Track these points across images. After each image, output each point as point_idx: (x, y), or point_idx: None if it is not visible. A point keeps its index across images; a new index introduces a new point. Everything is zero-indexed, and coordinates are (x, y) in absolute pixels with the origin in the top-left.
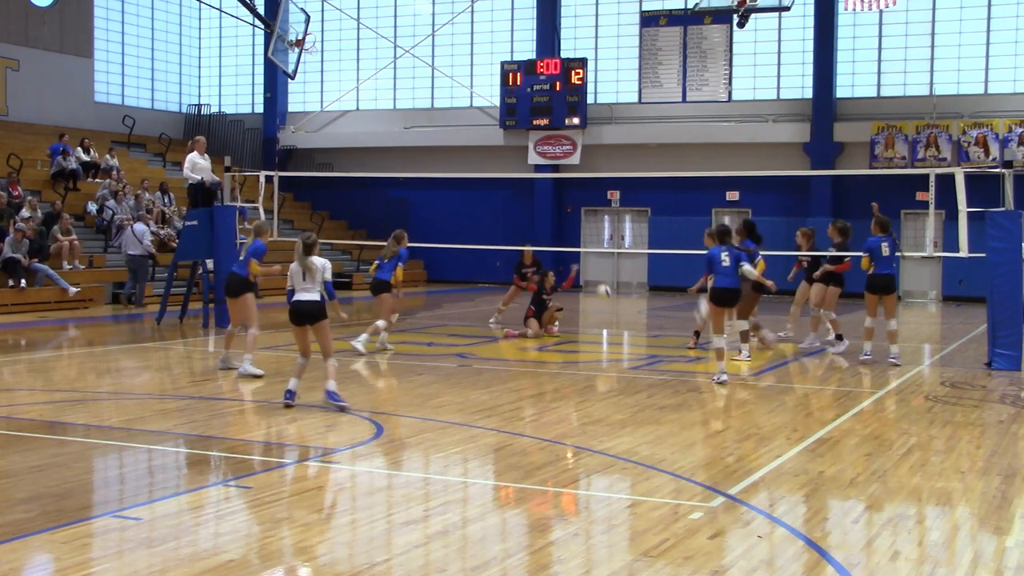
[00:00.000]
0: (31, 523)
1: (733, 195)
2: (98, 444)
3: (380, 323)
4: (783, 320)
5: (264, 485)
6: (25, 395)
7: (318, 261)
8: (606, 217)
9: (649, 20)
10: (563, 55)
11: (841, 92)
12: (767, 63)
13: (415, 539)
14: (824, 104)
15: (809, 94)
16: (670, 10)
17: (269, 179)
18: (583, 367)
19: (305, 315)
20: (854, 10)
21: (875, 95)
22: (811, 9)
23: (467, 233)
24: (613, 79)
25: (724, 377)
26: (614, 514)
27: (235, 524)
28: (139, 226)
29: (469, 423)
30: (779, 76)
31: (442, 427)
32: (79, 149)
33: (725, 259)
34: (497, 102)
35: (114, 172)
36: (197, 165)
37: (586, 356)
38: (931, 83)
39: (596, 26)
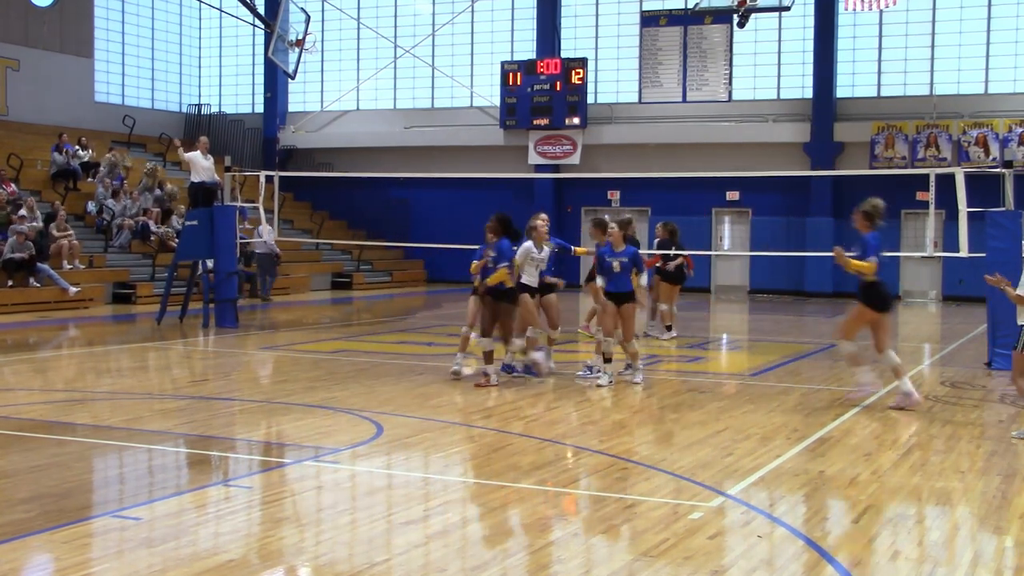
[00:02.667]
0: (31, 523)
1: (733, 195)
2: (98, 444)
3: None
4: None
5: (264, 485)
6: (25, 395)
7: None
8: (606, 217)
9: (649, 20)
10: (563, 55)
11: (841, 92)
12: (767, 63)
13: (415, 539)
14: (824, 104)
15: (809, 94)
16: (670, 10)
17: (269, 179)
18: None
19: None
20: (854, 10)
21: (875, 95)
22: (811, 9)
23: (467, 233)
24: (613, 79)
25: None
26: (614, 514)
27: (235, 524)
28: (264, 227)
29: (469, 423)
30: (779, 76)
31: (442, 427)
32: (77, 147)
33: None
34: (497, 102)
35: (102, 167)
36: (199, 165)
37: (586, 356)
38: (931, 83)
39: (596, 26)
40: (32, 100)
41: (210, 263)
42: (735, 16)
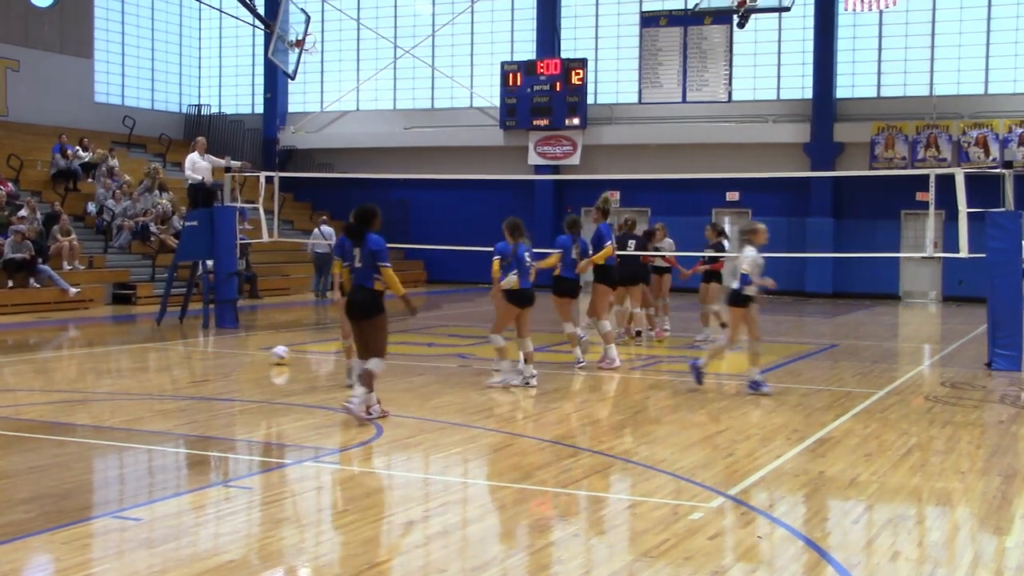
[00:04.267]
0: (31, 523)
1: (733, 195)
2: (98, 444)
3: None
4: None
5: (264, 485)
6: (25, 395)
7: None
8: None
9: (649, 20)
10: (563, 55)
11: (841, 92)
12: (767, 63)
13: (415, 539)
14: (824, 104)
15: (809, 94)
16: (670, 10)
17: (269, 179)
18: (583, 367)
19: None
20: (854, 10)
21: (875, 95)
22: (811, 9)
23: (467, 233)
24: (613, 79)
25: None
26: (614, 514)
27: (235, 524)
28: (325, 228)
29: (469, 423)
30: (779, 76)
31: (442, 427)
32: (78, 148)
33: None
34: (497, 102)
35: (103, 168)
36: (197, 165)
37: (587, 356)
38: (931, 83)
39: (596, 26)
40: (32, 100)
41: (210, 263)
42: (735, 16)
